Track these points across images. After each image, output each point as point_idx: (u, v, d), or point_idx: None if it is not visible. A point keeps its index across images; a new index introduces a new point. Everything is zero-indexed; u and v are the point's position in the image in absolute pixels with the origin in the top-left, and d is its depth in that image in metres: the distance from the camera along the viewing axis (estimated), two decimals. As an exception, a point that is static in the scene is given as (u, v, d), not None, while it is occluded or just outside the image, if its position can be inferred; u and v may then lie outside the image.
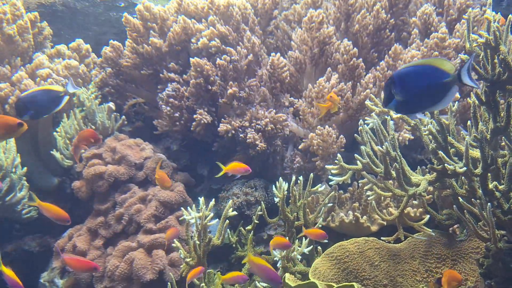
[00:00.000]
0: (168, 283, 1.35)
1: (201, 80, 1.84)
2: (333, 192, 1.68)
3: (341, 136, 1.72)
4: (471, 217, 1.22)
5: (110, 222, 1.76)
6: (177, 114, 1.86)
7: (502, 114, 1.21)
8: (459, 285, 1.22)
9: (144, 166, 1.85)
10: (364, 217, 1.62)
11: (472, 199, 1.21)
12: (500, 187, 1.22)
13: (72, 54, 2.23)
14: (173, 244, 1.44)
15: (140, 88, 2.18)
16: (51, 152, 1.95)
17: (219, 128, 1.81)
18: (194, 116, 1.83)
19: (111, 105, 2.11)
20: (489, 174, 1.27)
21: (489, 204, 1.13)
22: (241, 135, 1.79)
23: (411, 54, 1.76)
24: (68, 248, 1.73)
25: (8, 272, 1.28)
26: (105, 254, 1.69)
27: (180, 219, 1.64)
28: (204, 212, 1.45)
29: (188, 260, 1.41)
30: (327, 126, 1.72)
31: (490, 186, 1.22)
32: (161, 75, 1.96)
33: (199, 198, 1.51)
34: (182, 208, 1.52)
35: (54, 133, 1.98)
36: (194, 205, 1.52)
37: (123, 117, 2.11)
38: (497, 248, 1.16)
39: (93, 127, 2.00)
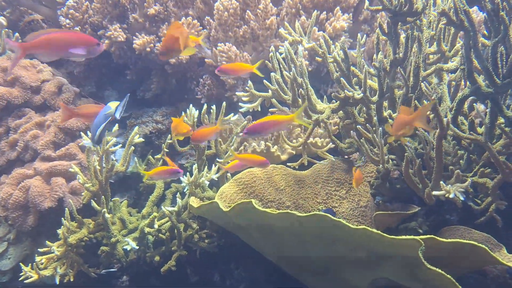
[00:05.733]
0: (66, 209, 1.28)
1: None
2: (246, 122, 1.69)
3: (245, 53, 1.70)
4: (367, 143, 1.31)
5: (2, 149, 1.60)
6: (77, 28, 1.68)
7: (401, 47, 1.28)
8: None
9: (41, 89, 1.68)
10: (275, 146, 1.66)
11: (368, 125, 1.28)
12: (394, 115, 1.31)
13: None
14: (70, 169, 1.36)
15: (37, 3, 1.93)
16: None
17: (134, 44, 1.68)
18: (109, 33, 1.66)
19: (2, 20, 1.85)
20: (385, 103, 1.36)
21: (380, 128, 1.21)
22: (157, 44, 1.67)
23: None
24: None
25: None
26: (-3, 183, 1.55)
27: (79, 144, 1.54)
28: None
29: (88, 185, 1.35)
30: (228, 44, 1.68)
31: (385, 114, 1.30)
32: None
33: (102, 122, 1.42)
34: (82, 133, 1.42)
35: None
36: (96, 130, 1.43)
37: (17, 34, 1.86)
38: (385, 169, 1.27)
39: (-21, 44, 1.74)
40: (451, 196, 1.13)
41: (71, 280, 1.34)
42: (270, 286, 1.44)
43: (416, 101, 1.30)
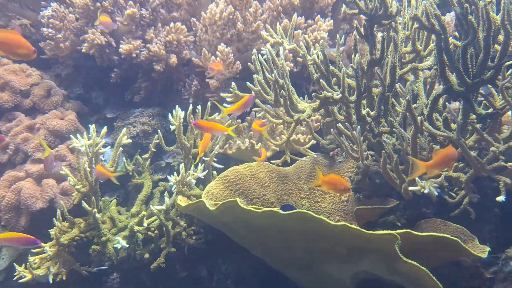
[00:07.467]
0: (58, 210, 1.32)
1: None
2: (230, 121, 1.74)
3: (237, 62, 1.73)
4: (347, 140, 1.35)
5: (-7, 152, 1.63)
6: (60, 35, 1.71)
7: (378, 47, 1.32)
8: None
9: (30, 93, 1.71)
10: (259, 143, 1.71)
11: (347, 123, 1.33)
12: (372, 113, 1.36)
13: None
14: (61, 172, 1.40)
15: (25, 8, 1.95)
16: None
17: (120, 49, 1.71)
18: (86, 36, 1.69)
19: (-11, 24, 1.87)
20: (364, 102, 1.41)
21: (358, 126, 1.26)
22: (143, 52, 1.71)
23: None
24: None
25: None
26: (-11, 186, 1.58)
27: (69, 147, 1.58)
28: (95, 140, 1.41)
29: (78, 187, 1.39)
30: (229, 48, 1.72)
31: (363, 112, 1.35)
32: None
33: (89, 125, 1.46)
34: (71, 135, 1.45)
35: None
36: (85, 133, 1.47)
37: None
38: (364, 165, 1.32)
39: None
40: (426, 191, 1.19)
41: (64, 278, 1.38)
42: (257, 280, 1.49)
43: (393, 99, 1.36)
